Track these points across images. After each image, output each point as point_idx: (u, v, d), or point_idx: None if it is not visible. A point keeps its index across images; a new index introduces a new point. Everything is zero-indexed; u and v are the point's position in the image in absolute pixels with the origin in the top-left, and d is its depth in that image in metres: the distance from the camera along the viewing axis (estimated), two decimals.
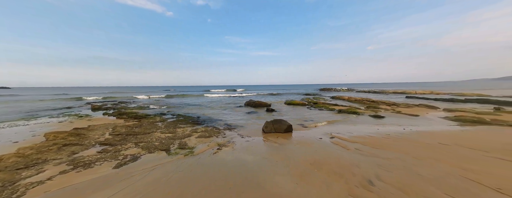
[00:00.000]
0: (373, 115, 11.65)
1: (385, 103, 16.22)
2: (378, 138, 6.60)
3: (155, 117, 11.29)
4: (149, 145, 5.50)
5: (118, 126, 8.03)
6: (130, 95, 35.30)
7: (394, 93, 32.51)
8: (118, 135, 6.48)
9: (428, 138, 6.48)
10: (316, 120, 10.68)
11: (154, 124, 9.11)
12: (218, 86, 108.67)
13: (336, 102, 20.46)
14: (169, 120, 10.37)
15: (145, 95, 30.44)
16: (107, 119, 10.92)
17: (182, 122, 9.75)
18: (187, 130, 7.99)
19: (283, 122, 8.30)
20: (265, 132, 8.11)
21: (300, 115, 12.56)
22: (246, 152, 5.23)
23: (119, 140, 5.87)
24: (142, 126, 8.32)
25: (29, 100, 25.00)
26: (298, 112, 14.19)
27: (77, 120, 10.54)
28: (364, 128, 8.55)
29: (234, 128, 8.88)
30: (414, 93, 28.31)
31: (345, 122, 10.09)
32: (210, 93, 37.77)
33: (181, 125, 8.97)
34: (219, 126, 9.26)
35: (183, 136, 6.79)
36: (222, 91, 46.53)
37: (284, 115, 12.85)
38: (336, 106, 16.35)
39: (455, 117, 10.02)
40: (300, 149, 5.62)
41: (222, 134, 7.51)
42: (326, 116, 12.00)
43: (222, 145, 5.90)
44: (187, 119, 10.88)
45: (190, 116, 12.04)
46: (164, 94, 33.59)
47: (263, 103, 17.93)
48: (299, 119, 11.09)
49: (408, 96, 23.43)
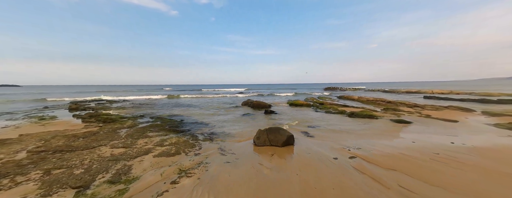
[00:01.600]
0: (395, 119, 9.34)
1: (405, 104, 13.80)
2: (423, 160, 4.38)
3: (126, 121, 9.32)
4: (64, 175, 3.44)
5: (61, 135, 6.06)
6: (131, 94, 33.75)
7: (408, 93, 29.76)
8: (41, 152, 4.47)
9: (506, 160, 4.21)
10: (324, 126, 8.47)
11: (115, 131, 7.11)
12: (220, 85, 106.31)
13: (345, 102, 18.11)
14: (140, 126, 8.37)
15: (142, 96, 28.76)
16: (68, 123, 9.02)
17: (155, 128, 7.73)
18: (152, 141, 5.95)
19: (281, 132, 6.15)
20: (256, 145, 5.99)
21: (304, 119, 10.37)
22: (213, 192, 3.13)
23: (28, 163, 3.86)
24: (96, 135, 6.33)
25: (14, 99, 23.65)
26: (302, 114, 11.99)
27: (31, 124, 8.68)
28: (390, 138, 6.31)
29: (218, 137, 6.80)
30: (431, 93, 25.57)
31: (361, 128, 7.85)
32: (211, 94, 35.86)
33: (150, 133, 6.95)
34: (200, 134, 7.20)
35: (138, 153, 4.74)
36: (223, 91, 44.57)
37: (285, 118, 10.68)
38: (346, 107, 14.04)
39: (510, 123, 7.63)
40: (306, 182, 3.47)
41: (196, 149, 5.43)
42: (336, 120, 9.78)
43: (185, 173, 3.82)
44: (165, 123, 8.86)
45: (171, 120, 10.02)
46: (165, 94, 31.92)
47: (262, 104, 15.79)
48: (303, 124, 8.91)
49: (426, 97, 20.82)
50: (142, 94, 30.90)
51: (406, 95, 25.06)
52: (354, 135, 7.01)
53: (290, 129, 7.99)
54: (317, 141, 6.31)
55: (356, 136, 6.78)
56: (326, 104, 15.99)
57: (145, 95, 28.83)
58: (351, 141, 6.21)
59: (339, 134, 7.16)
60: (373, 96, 19.22)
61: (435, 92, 26.68)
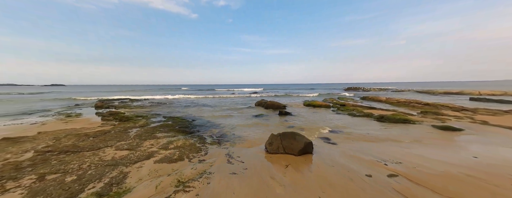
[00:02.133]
0: (440, 125, 7.71)
1: (449, 106, 11.64)
2: (499, 185, 3.16)
3: (140, 120, 9.35)
4: (54, 182, 3.12)
5: (74, 134, 6.09)
6: (152, 93, 35.83)
7: (447, 94, 25.90)
8: (47, 152, 4.38)
9: None
10: (348, 131, 7.32)
11: (127, 130, 7.01)
12: (236, 85, 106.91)
13: (371, 103, 16.22)
14: (152, 125, 8.24)
15: (161, 95, 30.14)
16: (88, 121, 9.38)
17: (165, 128, 7.49)
18: (158, 142, 5.61)
19: (297, 138, 5.29)
20: (268, 152, 5.24)
21: (323, 122, 9.26)
22: None
23: (28, 165, 3.71)
24: (106, 134, 6.25)
25: (56, 97, 26.52)
26: (321, 117, 10.84)
27: (56, 121, 9.20)
28: (440, 151, 5.00)
29: (227, 141, 6.21)
30: (478, 95, 21.79)
31: (396, 136, 6.54)
32: (225, 93, 36.06)
33: (158, 134, 6.68)
34: (208, 137, 6.70)
35: (139, 158, 4.37)
36: (238, 91, 44.58)
37: (301, 120, 9.70)
38: (372, 110, 12.42)
39: None
40: None
41: (201, 154, 4.90)
42: (363, 125, 8.49)
43: (183, 186, 3.26)
44: (176, 123, 8.63)
45: (182, 120, 9.81)
46: (182, 94, 33.10)
47: (276, 104, 14.91)
48: (323, 128, 7.86)
49: (473, 99, 17.65)
50: (161, 94, 32.43)
51: (445, 97, 21.70)
52: (389, 143, 5.80)
53: (307, 133, 7.06)
54: (341, 150, 5.30)
55: (391, 145, 5.58)
56: (348, 105, 14.46)
57: (164, 95, 30.08)
58: (385, 151, 5.07)
59: (368, 142, 6.01)
60: (405, 98, 16.91)
61: (483, 93, 22.70)
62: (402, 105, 14.34)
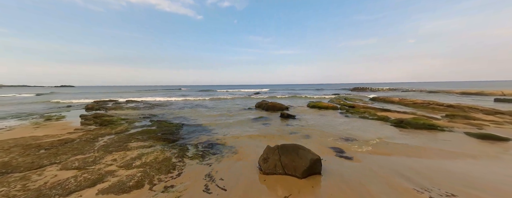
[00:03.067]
0: (477, 133, 6.24)
1: (478, 109, 10.05)
2: None
3: (121, 124, 8.27)
4: None
5: (23, 145, 4.98)
6: (154, 94, 35.15)
7: (464, 94, 23.92)
8: None
9: None
10: (364, 140, 5.95)
11: (96, 138, 5.90)
12: (241, 85, 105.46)
13: (383, 105, 14.69)
14: (131, 131, 7.11)
15: (163, 97, 29.31)
16: (64, 125, 8.36)
17: (144, 136, 6.34)
18: (125, 157, 4.44)
19: (301, 153, 4.00)
20: (262, 171, 3.98)
21: (332, 127, 7.91)
22: None
23: None
24: (65, 145, 5.13)
25: (44, 99, 26.03)
26: (328, 120, 9.47)
27: (26, 127, 8.22)
28: (494, 168, 3.60)
29: (214, 153, 4.98)
30: (501, 95, 19.83)
31: (426, 146, 5.14)
32: (230, 94, 34.93)
33: (133, 143, 5.53)
34: (193, 146, 5.49)
35: (81, 184, 3.19)
36: (240, 92, 43.32)
37: (306, 125, 8.37)
38: (387, 112, 10.96)
39: None
40: None
41: (173, 174, 3.69)
42: (379, 131, 7.09)
43: None
44: (161, 129, 7.48)
45: (170, 124, 8.65)
46: (181, 95, 32.21)
47: (278, 105, 13.61)
48: (333, 136, 6.51)
49: (498, 100, 15.83)
50: (163, 95, 31.68)
51: (465, 98, 19.83)
52: (420, 158, 4.43)
53: (313, 142, 5.75)
54: (360, 168, 3.98)
55: (424, 161, 4.21)
56: (358, 107, 13.00)
57: (167, 96, 29.23)
58: (421, 170, 3.71)
59: (393, 156, 4.65)
60: (422, 99, 15.27)
61: (506, 93, 20.68)
62: (419, 107, 12.77)
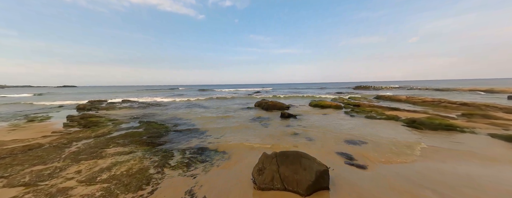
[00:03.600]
0: (505, 135, 5.44)
1: (497, 107, 9.21)
2: None
3: (106, 126, 7.59)
4: None
5: None
6: (153, 94, 34.57)
7: (473, 91, 22.95)
8: None
9: None
10: (376, 143, 5.17)
11: (70, 143, 5.21)
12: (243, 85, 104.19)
13: (389, 103, 13.86)
14: (115, 134, 6.42)
15: (161, 97, 28.65)
16: (44, 127, 7.71)
17: (127, 139, 5.63)
18: (94, 167, 3.73)
19: (305, 162, 3.26)
20: (257, 186, 3.24)
21: (337, 128, 7.13)
22: None
23: None
24: (30, 152, 4.45)
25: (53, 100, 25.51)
26: (332, 120, 8.68)
27: (4, 128, 7.56)
28: None
29: (202, 161, 4.27)
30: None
31: (446, 150, 4.36)
32: (229, 94, 34.24)
33: (111, 148, 4.83)
34: (179, 152, 4.78)
35: None
36: (241, 91, 42.45)
37: (309, 126, 7.61)
38: (396, 111, 10.16)
39: None
40: None
41: (144, 192, 2.97)
42: (391, 133, 6.30)
43: None
44: (148, 131, 6.78)
45: (160, 125, 7.94)
46: (178, 94, 31.57)
47: (279, 104, 12.85)
48: (339, 138, 5.75)
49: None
50: (162, 95, 31.06)
51: (475, 95, 18.90)
52: (445, 163, 3.65)
53: (318, 147, 4.99)
54: (376, 179, 3.23)
55: (452, 170, 3.44)
56: (364, 106, 12.20)
57: (161, 96, 28.58)
58: (450, 181, 2.95)
59: (416, 164, 3.88)
60: (432, 97, 14.40)
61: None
62: (430, 105, 11.93)
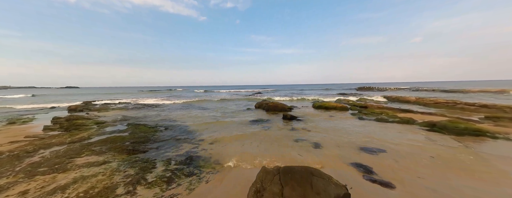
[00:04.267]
0: None
1: None
2: None
3: (89, 129, 6.83)
4: None
5: None
6: (152, 96, 33.96)
7: (483, 92, 21.97)
8: None
9: None
10: (396, 152, 4.33)
11: (37, 151, 4.45)
12: (244, 86, 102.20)
13: (399, 105, 12.97)
14: (94, 139, 5.65)
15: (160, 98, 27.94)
16: (22, 131, 6.96)
17: (106, 146, 4.86)
18: (51, 183, 3.00)
19: (316, 182, 2.44)
20: None
21: (347, 132, 6.29)
22: None
23: None
24: None
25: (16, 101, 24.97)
26: (340, 123, 7.83)
27: None
28: None
29: (189, 175, 3.47)
30: None
31: (485, 160, 3.52)
32: (227, 95, 33.57)
33: (82, 157, 4.07)
34: (162, 163, 3.98)
35: None
36: (241, 92, 41.55)
37: (314, 130, 6.77)
38: (409, 113, 9.31)
39: None
40: None
41: None
42: (410, 137, 5.45)
43: None
44: (134, 135, 6.00)
45: (151, 128, 7.16)
46: (173, 95, 30.91)
47: (280, 106, 12.05)
48: (351, 144, 4.91)
49: None
50: (162, 96, 30.42)
51: (487, 97, 17.94)
52: (486, 180, 2.82)
53: (326, 155, 4.16)
54: None
55: (500, 185, 2.60)
56: (372, 107, 11.35)
57: (160, 97, 27.92)
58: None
59: (454, 178, 3.04)
60: (444, 98, 13.51)
61: None
62: (444, 107, 11.05)
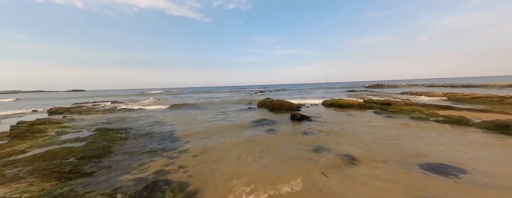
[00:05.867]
0: None
1: None
2: None
3: (39, 137, 5.30)
4: None
5: None
6: (150, 96, 32.73)
7: (509, 86, 19.72)
8: None
9: None
10: (486, 175, 2.58)
11: None
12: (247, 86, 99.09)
13: (422, 100, 11.07)
14: (30, 152, 4.06)
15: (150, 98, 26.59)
16: None
17: (36, 164, 3.29)
18: None
19: None
20: None
21: (385, 140, 4.52)
22: None
23: None
24: None
25: None
26: (367, 125, 6.02)
27: None
28: None
29: None
30: None
31: None
32: (228, 94, 31.93)
33: None
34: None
35: None
36: (244, 91, 39.58)
37: (334, 134, 5.03)
38: (450, 110, 7.46)
39: None
40: None
41: None
42: (482, 149, 3.66)
43: None
44: (90, 146, 4.39)
45: (119, 135, 5.52)
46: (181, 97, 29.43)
47: (287, 104, 10.29)
48: (406, 164, 3.13)
49: None
50: (160, 96, 29.07)
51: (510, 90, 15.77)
52: None
53: (364, 173, 2.39)
54: None
55: None
56: (398, 105, 9.51)
57: (154, 98, 26.51)
58: None
59: None
60: (482, 93, 11.54)
61: None
62: (485, 102, 9.13)
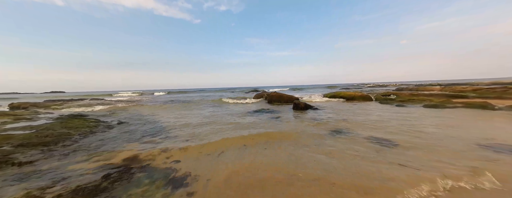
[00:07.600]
0: None
1: None
2: None
3: None
4: None
5: None
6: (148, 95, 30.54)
7: (496, 85, 20.38)
8: None
9: None
10: None
11: None
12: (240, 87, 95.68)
13: (423, 92, 10.75)
14: None
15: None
16: None
17: None
18: None
19: None
20: None
21: (423, 126, 3.81)
22: None
23: None
24: None
25: None
26: (384, 114, 5.31)
27: None
28: None
29: None
30: None
31: None
32: (220, 92, 30.57)
33: None
34: None
35: None
36: (237, 91, 38.16)
37: (349, 120, 4.25)
38: (462, 99, 7.01)
39: None
40: None
41: None
42: None
43: None
44: (44, 132, 3.27)
45: (87, 123, 4.37)
46: None
47: (285, 96, 9.47)
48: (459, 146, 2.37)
49: None
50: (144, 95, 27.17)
51: None
52: None
53: (430, 164, 1.55)
54: None
55: None
56: (403, 95, 9.02)
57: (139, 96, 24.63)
58: None
59: None
60: (480, 86, 11.43)
61: None
62: (489, 93, 8.88)
